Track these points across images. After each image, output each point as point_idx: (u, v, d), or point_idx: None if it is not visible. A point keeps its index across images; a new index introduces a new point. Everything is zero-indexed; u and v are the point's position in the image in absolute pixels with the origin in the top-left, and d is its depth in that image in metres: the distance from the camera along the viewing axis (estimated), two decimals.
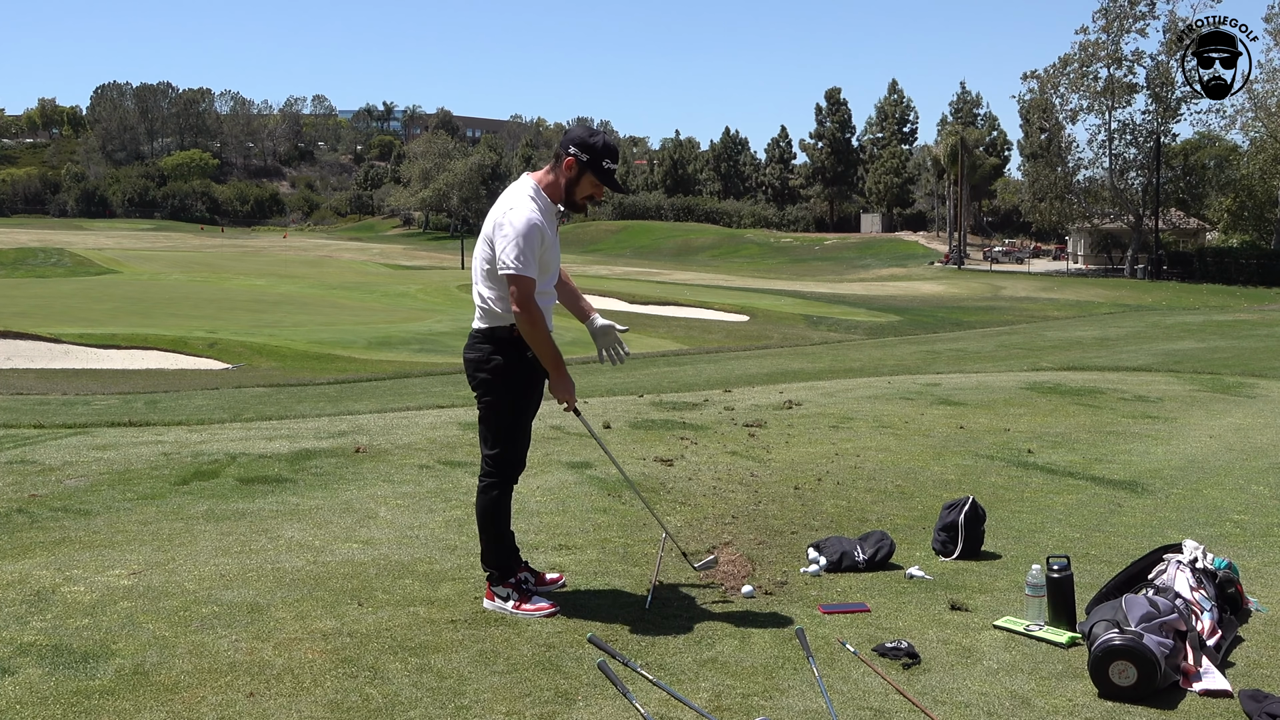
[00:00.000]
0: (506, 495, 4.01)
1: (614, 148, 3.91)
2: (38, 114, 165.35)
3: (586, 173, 3.87)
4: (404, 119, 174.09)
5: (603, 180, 3.90)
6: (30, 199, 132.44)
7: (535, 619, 3.86)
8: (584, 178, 3.88)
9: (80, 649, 3.44)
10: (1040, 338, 23.28)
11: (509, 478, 4.00)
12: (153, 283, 46.84)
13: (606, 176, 3.89)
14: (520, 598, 3.93)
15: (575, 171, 3.87)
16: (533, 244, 3.74)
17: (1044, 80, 55.95)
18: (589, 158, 3.85)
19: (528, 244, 3.72)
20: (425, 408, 9.90)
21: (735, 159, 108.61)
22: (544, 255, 3.85)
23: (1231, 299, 41.72)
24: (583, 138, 3.87)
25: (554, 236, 3.94)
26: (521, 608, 3.90)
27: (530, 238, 3.73)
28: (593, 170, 3.87)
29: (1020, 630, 3.85)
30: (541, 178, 3.93)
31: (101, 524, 4.97)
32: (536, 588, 4.15)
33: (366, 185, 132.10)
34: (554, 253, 3.95)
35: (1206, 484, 6.47)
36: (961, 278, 55.88)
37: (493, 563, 3.98)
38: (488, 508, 3.97)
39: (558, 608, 3.94)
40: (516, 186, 3.93)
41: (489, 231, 3.85)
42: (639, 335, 30.37)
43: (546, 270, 3.91)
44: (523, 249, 3.72)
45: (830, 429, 8.00)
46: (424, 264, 68.84)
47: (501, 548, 4.00)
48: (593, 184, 3.90)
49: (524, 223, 3.73)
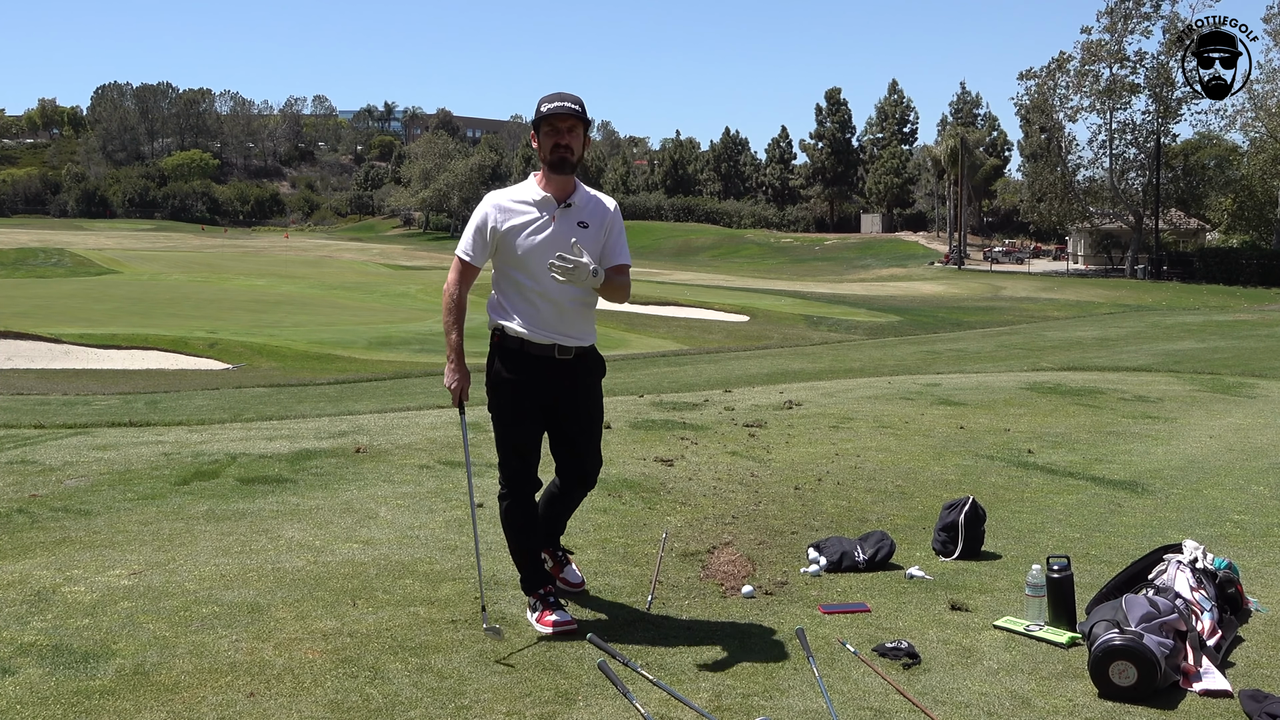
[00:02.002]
0: (518, 507, 3.85)
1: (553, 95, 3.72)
2: (38, 114, 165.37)
3: (541, 128, 3.71)
4: (404, 119, 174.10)
5: (544, 120, 3.69)
6: (30, 199, 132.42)
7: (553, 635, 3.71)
8: (541, 135, 3.72)
9: (80, 649, 3.44)
10: (1040, 338, 23.28)
11: (515, 489, 3.84)
12: (153, 283, 46.84)
13: (546, 116, 3.68)
14: (544, 609, 3.79)
15: (536, 138, 3.76)
16: (476, 227, 3.76)
17: (1041, 80, 55.94)
18: (534, 118, 3.75)
19: (472, 226, 3.77)
20: (425, 408, 9.91)
21: (735, 159, 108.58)
22: (519, 247, 3.69)
23: (1231, 299, 41.71)
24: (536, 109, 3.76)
25: (542, 231, 3.71)
26: (543, 620, 3.76)
27: (476, 221, 3.76)
28: (539, 120, 3.71)
29: (1020, 630, 3.85)
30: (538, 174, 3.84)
31: (102, 524, 4.97)
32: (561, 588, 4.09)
33: (367, 185, 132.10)
34: (537, 247, 3.70)
35: (1206, 484, 6.47)
36: (961, 278, 55.87)
37: (521, 574, 3.92)
38: (501, 518, 3.92)
39: (575, 624, 3.76)
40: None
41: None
42: (639, 335, 30.38)
43: (527, 268, 3.71)
44: (466, 231, 3.79)
45: (830, 429, 8.00)
46: (424, 264, 68.80)
47: (523, 560, 3.89)
48: (547, 133, 3.70)
49: (477, 209, 3.80)
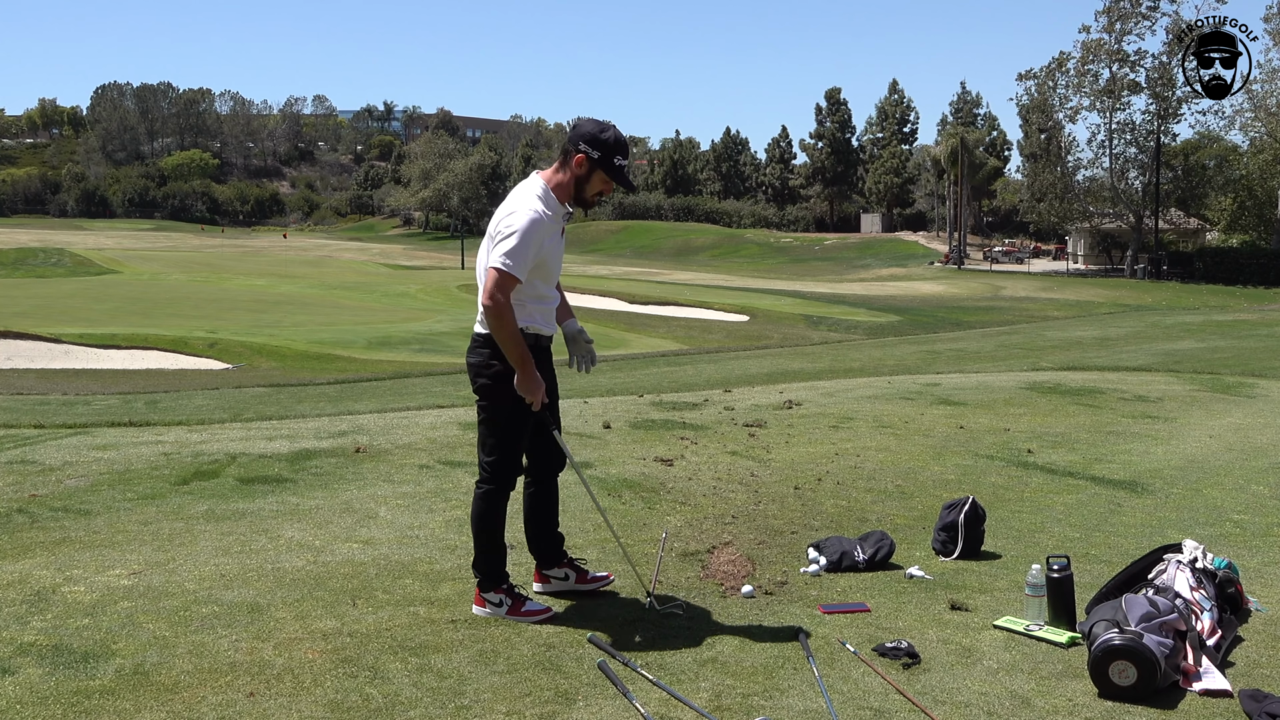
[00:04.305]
0: (502, 501, 3.94)
1: (625, 143, 3.81)
2: (38, 114, 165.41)
3: (598, 170, 3.77)
4: (404, 119, 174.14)
5: (613, 177, 3.79)
6: (30, 199, 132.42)
7: (536, 621, 3.84)
8: (594, 175, 3.78)
9: (80, 649, 3.44)
10: (1040, 338, 23.28)
11: (504, 485, 3.93)
12: (153, 283, 46.83)
13: (618, 173, 3.78)
14: (513, 603, 3.87)
15: (586, 169, 3.76)
16: (528, 245, 3.66)
17: (1041, 80, 55.93)
18: (600, 155, 3.74)
19: (523, 244, 3.65)
20: (425, 408, 9.90)
21: (735, 159, 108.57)
22: (546, 259, 3.79)
23: (1231, 299, 41.71)
24: (594, 134, 3.75)
25: (559, 240, 3.87)
26: (518, 612, 3.85)
27: (527, 238, 3.65)
28: (604, 167, 3.77)
29: (1020, 630, 3.85)
30: (550, 176, 3.83)
31: (101, 524, 4.97)
32: (575, 585, 4.15)
33: (367, 185, 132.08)
34: (556, 256, 3.88)
35: (1206, 484, 6.47)
36: (961, 278, 55.87)
37: (481, 568, 3.93)
38: (482, 513, 3.91)
39: (553, 610, 3.91)
40: (525, 186, 3.83)
41: (493, 232, 3.77)
42: (639, 335, 30.37)
43: (548, 275, 3.85)
44: (516, 247, 3.64)
45: (830, 429, 8.00)
46: (424, 264, 68.82)
47: (493, 555, 3.93)
48: (603, 181, 3.80)
49: (526, 222, 3.65)
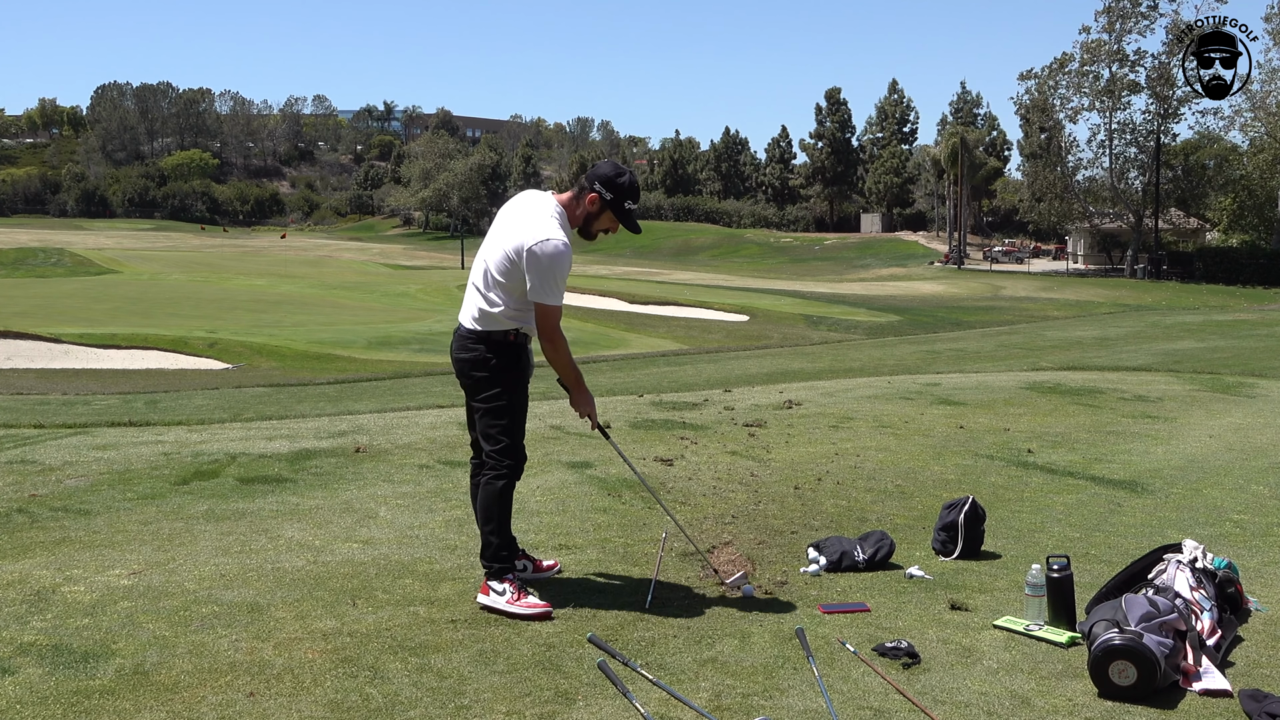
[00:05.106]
0: (512, 488, 4.09)
1: (637, 189, 4.07)
2: (38, 114, 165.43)
3: (607, 210, 4.01)
4: (404, 119, 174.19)
5: (622, 221, 4.05)
6: (30, 199, 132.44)
7: (533, 616, 3.86)
8: (604, 214, 4.03)
9: (80, 649, 3.44)
10: (1040, 338, 23.28)
11: (517, 470, 4.08)
12: (153, 283, 46.83)
13: (626, 217, 4.04)
14: (516, 592, 3.95)
15: (598, 207, 4.00)
16: (563, 274, 3.91)
17: (1041, 80, 55.94)
18: (613, 197, 3.98)
19: (561, 275, 3.89)
20: (425, 408, 9.90)
21: (735, 159, 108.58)
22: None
23: (1231, 299, 41.71)
24: (610, 176, 3.99)
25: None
26: (518, 602, 3.90)
27: (563, 269, 3.89)
28: (614, 209, 4.01)
29: (1020, 630, 3.85)
30: (565, 202, 4.02)
31: (101, 524, 4.97)
32: (533, 574, 4.28)
33: (366, 185, 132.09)
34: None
35: (1206, 484, 6.47)
36: (961, 278, 55.89)
37: (492, 556, 4.02)
38: (496, 499, 4.02)
39: (551, 609, 3.93)
40: (541, 207, 3.96)
41: (511, 249, 3.85)
42: (639, 335, 30.37)
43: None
44: (557, 280, 3.88)
45: (830, 429, 8.00)
46: (424, 264, 68.83)
47: (504, 541, 4.05)
48: (611, 220, 4.05)
49: (559, 254, 3.85)
